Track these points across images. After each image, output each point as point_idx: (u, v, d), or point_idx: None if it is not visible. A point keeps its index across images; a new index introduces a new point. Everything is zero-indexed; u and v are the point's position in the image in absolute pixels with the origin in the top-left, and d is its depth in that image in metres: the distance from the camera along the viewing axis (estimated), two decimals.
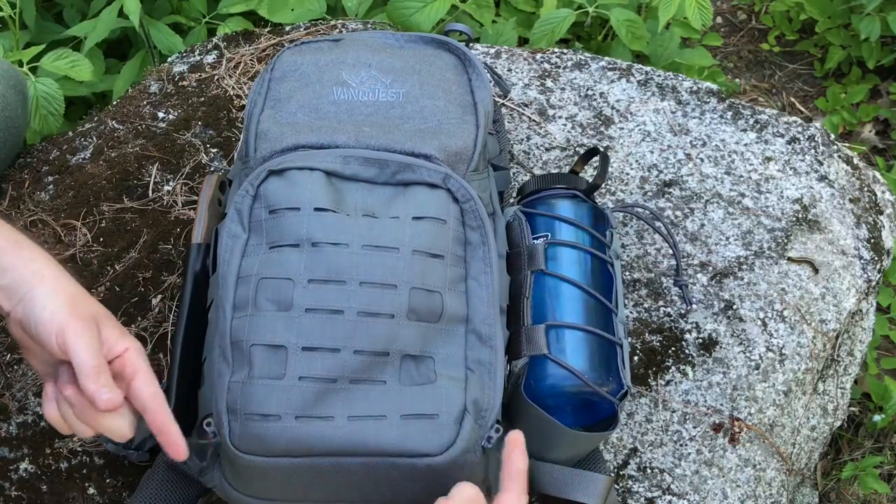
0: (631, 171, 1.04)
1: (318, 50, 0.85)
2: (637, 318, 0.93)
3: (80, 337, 0.63)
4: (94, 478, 0.83)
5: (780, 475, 0.92)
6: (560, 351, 0.74)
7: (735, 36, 2.09)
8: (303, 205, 0.70)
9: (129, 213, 1.01)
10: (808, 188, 1.04)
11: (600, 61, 1.16)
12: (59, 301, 0.64)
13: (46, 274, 0.66)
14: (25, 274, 0.65)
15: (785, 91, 1.98)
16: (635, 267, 0.96)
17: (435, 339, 0.69)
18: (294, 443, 0.65)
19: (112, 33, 1.40)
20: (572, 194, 0.84)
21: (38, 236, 1.00)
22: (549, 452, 0.75)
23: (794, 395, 0.93)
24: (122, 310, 0.93)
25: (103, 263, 0.97)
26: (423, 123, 0.78)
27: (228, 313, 0.69)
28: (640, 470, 0.85)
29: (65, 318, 0.63)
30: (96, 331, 0.65)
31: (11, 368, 0.90)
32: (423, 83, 0.81)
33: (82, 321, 0.64)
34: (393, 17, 1.33)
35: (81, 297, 0.66)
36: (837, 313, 0.97)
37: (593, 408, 0.76)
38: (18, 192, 1.05)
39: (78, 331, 0.63)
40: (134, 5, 1.25)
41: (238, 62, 1.18)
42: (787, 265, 0.97)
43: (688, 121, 1.09)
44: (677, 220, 1.00)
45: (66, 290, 0.65)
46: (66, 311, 0.64)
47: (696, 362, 0.90)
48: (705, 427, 0.87)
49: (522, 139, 1.07)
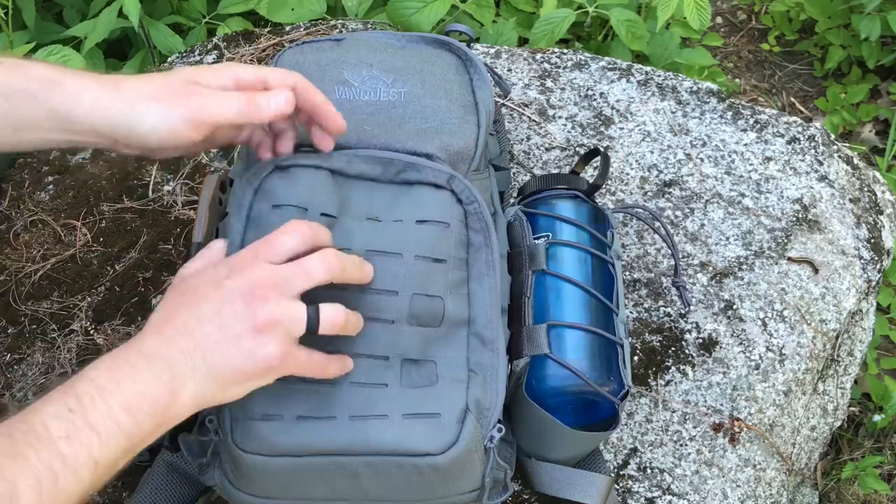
0: (631, 171, 1.04)
1: (319, 50, 0.85)
2: (637, 318, 0.93)
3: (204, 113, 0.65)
4: None
5: (780, 475, 0.92)
6: (561, 351, 0.74)
7: (735, 36, 2.09)
8: (311, 206, 0.69)
9: (129, 213, 1.01)
10: (808, 188, 1.04)
11: (600, 61, 1.16)
12: (158, 117, 0.65)
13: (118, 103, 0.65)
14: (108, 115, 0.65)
15: (785, 91, 1.98)
16: (635, 267, 0.96)
17: (436, 342, 0.69)
18: (296, 443, 0.65)
19: (112, 33, 1.39)
20: (573, 195, 0.84)
21: (38, 236, 1.00)
22: (550, 452, 0.75)
23: (794, 395, 0.93)
24: (122, 310, 0.93)
25: (103, 263, 0.97)
26: (425, 123, 0.78)
27: None
28: (640, 470, 0.85)
29: (177, 123, 0.65)
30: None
31: (11, 368, 0.90)
32: (425, 83, 0.81)
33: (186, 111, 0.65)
34: (393, 18, 1.33)
35: (161, 89, 0.66)
36: (837, 313, 0.97)
37: (594, 408, 0.76)
38: (18, 192, 1.05)
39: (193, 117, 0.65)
40: (133, 6, 1.25)
41: (238, 62, 1.18)
42: (787, 265, 0.97)
43: (688, 121, 1.09)
44: (677, 220, 1.00)
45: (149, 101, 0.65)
46: (172, 118, 0.65)
47: (696, 362, 0.90)
48: (705, 427, 0.87)
49: (522, 139, 1.07)
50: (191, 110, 0.65)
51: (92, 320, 0.93)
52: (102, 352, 0.89)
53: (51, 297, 0.95)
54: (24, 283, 0.96)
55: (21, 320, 0.93)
